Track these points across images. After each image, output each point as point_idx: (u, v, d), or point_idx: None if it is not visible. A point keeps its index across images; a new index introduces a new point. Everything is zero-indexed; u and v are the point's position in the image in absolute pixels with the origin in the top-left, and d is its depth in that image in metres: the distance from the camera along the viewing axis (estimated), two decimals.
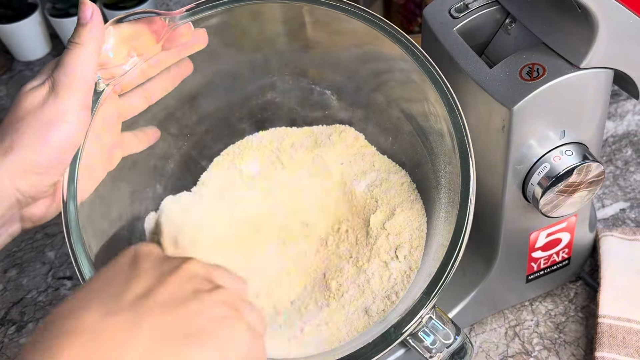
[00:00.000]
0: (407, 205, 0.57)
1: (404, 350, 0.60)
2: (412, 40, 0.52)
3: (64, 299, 0.39)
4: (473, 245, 0.62)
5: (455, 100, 0.50)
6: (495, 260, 0.61)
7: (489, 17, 0.58)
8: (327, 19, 0.55)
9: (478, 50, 0.57)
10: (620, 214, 0.74)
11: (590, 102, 0.54)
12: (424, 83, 0.51)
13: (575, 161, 0.54)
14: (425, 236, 0.55)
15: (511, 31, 0.57)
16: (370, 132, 0.62)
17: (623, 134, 0.81)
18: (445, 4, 0.59)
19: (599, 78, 0.52)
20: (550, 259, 0.64)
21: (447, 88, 0.50)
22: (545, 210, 0.56)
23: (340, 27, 0.56)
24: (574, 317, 0.66)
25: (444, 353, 0.48)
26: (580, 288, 0.68)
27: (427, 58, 0.51)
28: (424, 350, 0.48)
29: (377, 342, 0.46)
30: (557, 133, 0.54)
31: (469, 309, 0.63)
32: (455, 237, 0.47)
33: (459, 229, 0.47)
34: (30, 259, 0.75)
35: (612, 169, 0.78)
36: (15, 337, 0.69)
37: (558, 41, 0.52)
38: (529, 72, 0.52)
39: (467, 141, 0.49)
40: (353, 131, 0.62)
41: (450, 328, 0.48)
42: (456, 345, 0.48)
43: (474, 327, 0.66)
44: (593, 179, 0.55)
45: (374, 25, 0.52)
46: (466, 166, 0.48)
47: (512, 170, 0.55)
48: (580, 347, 0.64)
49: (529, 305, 0.67)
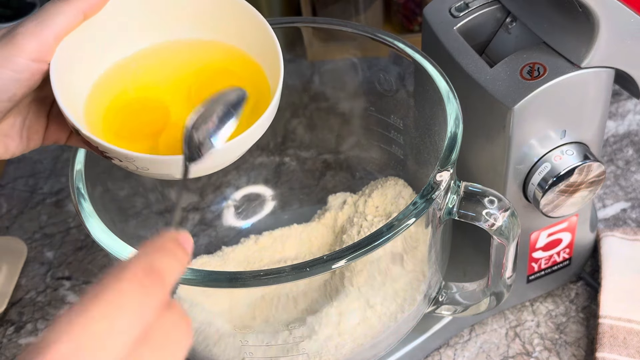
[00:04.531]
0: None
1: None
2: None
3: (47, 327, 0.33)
4: (473, 244, 0.62)
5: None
6: None
7: (489, 16, 0.58)
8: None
9: (478, 49, 0.57)
10: (621, 214, 0.74)
11: (591, 102, 0.54)
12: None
13: (576, 161, 0.54)
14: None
15: (512, 30, 0.57)
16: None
17: (624, 134, 0.81)
18: (446, 3, 0.58)
19: (599, 77, 0.52)
20: (551, 259, 0.64)
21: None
22: (546, 210, 0.56)
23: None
24: (575, 318, 0.66)
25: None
26: (581, 288, 0.68)
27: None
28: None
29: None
30: (557, 133, 0.54)
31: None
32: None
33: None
34: (29, 259, 0.75)
35: (613, 169, 0.77)
36: (14, 337, 0.69)
37: (559, 40, 0.52)
38: (530, 71, 0.52)
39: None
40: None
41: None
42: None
43: (474, 327, 0.65)
44: (594, 178, 0.55)
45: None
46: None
47: (512, 170, 0.55)
48: (581, 347, 0.63)
49: (530, 306, 0.67)
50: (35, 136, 0.45)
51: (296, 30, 0.60)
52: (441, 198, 0.48)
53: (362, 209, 0.61)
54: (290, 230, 0.63)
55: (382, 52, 0.58)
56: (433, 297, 0.56)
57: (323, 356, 0.52)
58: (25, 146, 0.45)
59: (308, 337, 0.52)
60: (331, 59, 0.66)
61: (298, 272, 0.43)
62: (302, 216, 0.65)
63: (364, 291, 0.54)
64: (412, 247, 0.52)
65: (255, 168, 0.69)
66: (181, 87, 0.46)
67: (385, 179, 0.64)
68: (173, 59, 0.47)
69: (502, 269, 0.52)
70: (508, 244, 0.50)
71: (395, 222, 0.45)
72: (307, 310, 0.56)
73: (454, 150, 0.48)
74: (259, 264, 0.62)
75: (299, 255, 0.63)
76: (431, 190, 0.46)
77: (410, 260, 0.52)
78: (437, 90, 0.52)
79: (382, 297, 0.53)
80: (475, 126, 0.55)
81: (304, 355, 0.52)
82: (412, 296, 0.54)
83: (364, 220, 0.60)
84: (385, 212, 0.61)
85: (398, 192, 0.62)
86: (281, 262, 0.62)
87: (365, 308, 0.53)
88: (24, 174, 0.84)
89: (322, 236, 0.63)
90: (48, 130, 0.46)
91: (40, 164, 0.85)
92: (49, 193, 0.82)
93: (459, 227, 0.56)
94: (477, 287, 0.56)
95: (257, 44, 0.46)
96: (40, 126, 0.45)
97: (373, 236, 0.44)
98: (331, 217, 0.64)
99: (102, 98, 0.45)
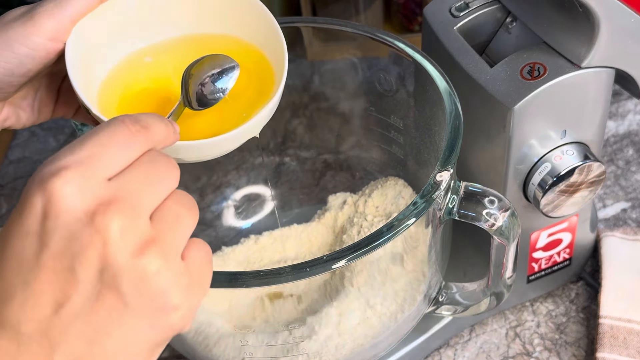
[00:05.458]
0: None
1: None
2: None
3: None
4: (474, 245, 0.62)
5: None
6: None
7: (489, 16, 0.58)
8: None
9: (479, 49, 0.57)
10: (621, 214, 0.73)
11: (591, 102, 0.54)
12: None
13: (577, 161, 0.54)
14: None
15: (512, 30, 0.57)
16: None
17: (624, 134, 0.81)
18: (446, 2, 0.58)
19: (600, 77, 0.52)
20: (551, 259, 0.64)
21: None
22: (546, 210, 0.56)
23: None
24: (575, 318, 0.66)
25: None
26: (582, 288, 0.68)
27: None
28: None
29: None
30: (558, 133, 0.54)
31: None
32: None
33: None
34: None
35: (613, 169, 0.77)
36: None
37: (559, 40, 0.52)
38: (530, 71, 0.52)
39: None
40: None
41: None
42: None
43: (474, 327, 0.65)
44: (594, 178, 0.55)
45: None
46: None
47: (512, 169, 0.55)
48: (581, 347, 0.63)
49: (530, 306, 0.67)
50: (46, 109, 0.47)
51: (296, 30, 0.60)
52: (441, 198, 0.48)
53: (362, 209, 0.61)
54: (290, 230, 0.63)
55: (382, 52, 0.58)
56: (433, 297, 0.56)
57: (323, 356, 0.52)
58: (36, 118, 0.47)
59: (308, 337, 0.52)
60: (331, 59, 0.66)
61: (298, 272, 0.43)
62: (302, 216, 0.65)
63: (364, 291, 0.54)
64: (412, 247, 0.52)
65: (255, 168, 0.69)
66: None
67: (385, 179, 0.63)
68: (183, 52, 0.48)
69: (502, 269, 0.52)
70: (508, 244, 0.50)
71: (395, 222, 0.45)
72: (307, 311, 0.56)
73: (454, 150, 0.48)
74: (259, 264, 0.62)
75: (299, 255, 0.63)
76: (431, 190, 0.46)
77: (410, 260, 0.52)
78: (437, 90, 0.52)
79: (382, 297, 0.53)
80: (475, 126, 0.55)
81: (304, 355, 0.52)
82: (412, 296, 0.54)
83: (364, 220, 0.60)
84: (385, 212, 0.60)
85: (398, 192, 0.61)
86: (281, 262, 0.62)
87: (365, 308, 0.53)
88: (24, 174, 0.84)
89: (322, 236, 0.63)
90: (58, 104, 0.48)
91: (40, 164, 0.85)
92: None
93: (459, 227, 0.56)
94: (477, 287, 0.56)
95: (264, 38, 0.47)
96: (51, 100, 0.47)
97: (373, 236, 0.44)
98: (331, 217, 0.64)
99: (117, 86, 0.47)
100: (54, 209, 0.31)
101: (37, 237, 0.31)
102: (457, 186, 0.49)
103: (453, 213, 0.50)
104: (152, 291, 0.32)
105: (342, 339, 0.52)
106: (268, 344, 0.51)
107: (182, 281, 0.33)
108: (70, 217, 0.31)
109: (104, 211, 0.31)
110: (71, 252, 0.30)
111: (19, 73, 0.42)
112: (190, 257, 0.34)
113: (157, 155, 0.35)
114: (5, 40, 0.41)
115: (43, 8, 0.42)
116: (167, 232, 0.33)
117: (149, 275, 0.31)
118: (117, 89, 0.46)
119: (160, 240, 0.32)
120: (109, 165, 0.32)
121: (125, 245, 0.31)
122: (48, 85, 0.47)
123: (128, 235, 0.31)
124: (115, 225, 0.31)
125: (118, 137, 0.33)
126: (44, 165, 0.32)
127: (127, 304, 0.31)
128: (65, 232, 0.31)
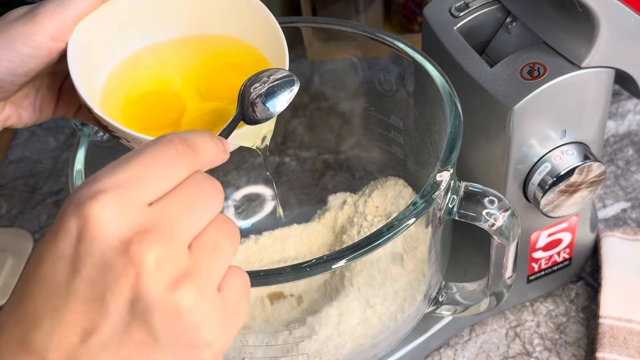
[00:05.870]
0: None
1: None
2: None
3: None
4: (474, 245, 0.62)
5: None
6: None
7: (489, 16, 0.58)
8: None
9: (478, 49, 0.57)
10: (621, 214, 0.73)
11: (591, 102, 0.54)
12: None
13: (576, 161, 0.54)
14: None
15: (512, 30, 0.57)
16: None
17: (624, 134, 0.81)
18: (446, 3, 0.58)
19: (600, 77, 0.52)
20: (551, 259, 0.64)
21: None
22: (546, 210, 0.56)
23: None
24: (575, 318, 0.66)
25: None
26: (581, 288, 0.68)
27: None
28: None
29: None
30: (558, 133, 0.54)
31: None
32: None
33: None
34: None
35: (613, 169, 0.77)
36: None
37: (559, 40, 0.52)
38: (530, 71, 0.52)
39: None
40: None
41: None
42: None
43: (474, 327, 0.65)
44: (594, 178, 0.55)
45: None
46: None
47: (512, 169, 0.55)
48: (581, 347, 0.63)
49: (530, 306, 0.67)
50: (47, 108, 0.48)
51: (296, 30, 0.60)
52: (441, 198, 0.48)
53: (362, 209, 0.61)
54: (290, 230, 0.63)
55: (382, 52, 0.58)
56: (433, 297, 0.56)
57: (323, 356, 0.52)
58: (37, 117, 0.47)
59: (308, 337, 0.52)
60: (331, 59, 0.66)
61: (298, 272, 0.43)
62: (302, 216, 0.65)
63: (364, 291, 0.54)
64: (412, 247, 0.52)
65: (255, 168, 0.69)
66: (191, 80, 0.48)
67: (385, 179, 0.63)
68: (184, 53, 0.49)
69: (502, 269, 0.52)
70: (508, 244, 0.50)
71: (395, 222, 0.45)
72: (307, 310, 0.56)
73: (454, 150, 0.48)
74: (259, 264, 0.62)
75: (299, 255, 0.63)
76: (431, 190, 0.46)
77: (410, 260, 0.52)
78: (437, 90, 0.52)
79: (382, 297, 0.53)
80: (475, 126, 0.55)
81: (304, 355, 0.52)
82: (412, 296, 0.54)
83: (364, 220, 0.60)
84: (385, 212, 0.60)
85: (398, 192, 0.61)
86: (281, 262, 0.62)
87: (365, 308, 0.53)
88: (24, 174, 0.84)
89: (322, 236, 0.63)
90: (59, 103, 0.48)
91: (40, 164, 0.85)
92: (49, 193, 0.82)
93: (459, 227, 0.56)
94: (477, 287, 0.56)
95: (265, 39, 0.47)
96: (52, 99, 0.48)
97: (373, 236, 0.44)
98: (331, 217, 0.64)
99: (120, 86, 0.47)
100: (89, 234, 0.29)
101: (69, 261, 0.30)
102: (457, 186, 0.49)
103: (453, 213, 0.50)
104: (184, 327, 0.30)
105: (342, 339, 0.52)
106: (268, 344, 0.51)
107: (217, 316, 0.31)
108: (105, 244, 0.29)
109: (141, 240, 0.29)
110: (103, 281, 0.29)
111: (21, 72, 0.42)
112: (226, 288, 0.32)
113: (204, 177, 0.33)
114: (7, 39, 0.41)
115: (45, 8, 0.42)
116: (205, 262, 0.31)
117: (182, 311, 0.30)
118: (121, 90, 0.46)
119: (197, 272, 0.31)
120: (151, 189, 0.31)
121: (159, 277, 0.30)
122: (50, 85, 0.47)
123: (163, 267, 0.30)
124: (151, 256, 0.29)
125: (163, 158, 0.32)
126: (82, 187, 0.31)
127: (157, 339, 0.30)
128: (98, 260, 0.29)
